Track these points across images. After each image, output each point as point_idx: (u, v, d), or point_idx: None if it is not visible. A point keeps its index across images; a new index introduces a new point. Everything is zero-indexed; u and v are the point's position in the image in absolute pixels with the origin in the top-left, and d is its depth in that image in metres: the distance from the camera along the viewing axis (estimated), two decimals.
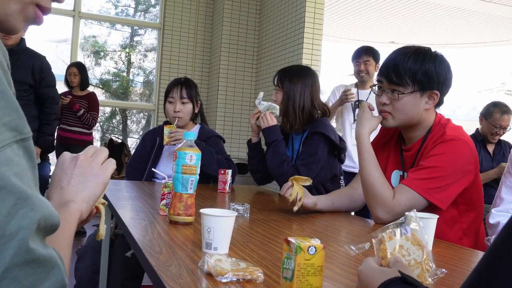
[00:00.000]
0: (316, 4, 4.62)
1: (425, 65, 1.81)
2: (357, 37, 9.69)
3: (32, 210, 0.56)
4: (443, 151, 1.78)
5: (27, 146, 0.60)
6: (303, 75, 2.66)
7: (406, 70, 1.81)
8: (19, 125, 0.58)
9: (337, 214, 2.05)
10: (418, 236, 0.96)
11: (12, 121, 0.57)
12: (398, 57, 1.85)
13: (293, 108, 2.59)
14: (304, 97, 2.60)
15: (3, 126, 0.56)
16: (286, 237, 0.95)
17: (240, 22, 5.79)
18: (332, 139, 2.53)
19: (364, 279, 0.88)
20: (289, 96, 2.60)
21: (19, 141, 0.58)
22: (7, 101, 0.57)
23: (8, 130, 0.57)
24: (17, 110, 0.59)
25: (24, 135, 0.59)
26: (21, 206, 0.55)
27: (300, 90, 2.60)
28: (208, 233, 1.23)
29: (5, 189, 0.54)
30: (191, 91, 2.94)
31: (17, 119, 0.58)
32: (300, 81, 2.62)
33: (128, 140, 7.73)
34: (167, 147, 2.94)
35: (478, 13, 7.60)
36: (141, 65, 7.55)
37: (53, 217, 0.59)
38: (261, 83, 5.55)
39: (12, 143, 0.57)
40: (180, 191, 1.55)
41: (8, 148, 0.56)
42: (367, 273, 0.87)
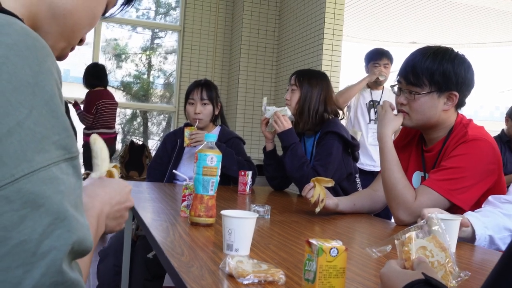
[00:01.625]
0: (336, 5, 4.60)
1: (443, 66, 1.79)
2: (377, 37, 9.62)
3: (68, 232, 0.57)
4: (465, 152, 1.76)
5: (75, 165, 0.62)
6: (320, 79, 2.70)
7: (424, 70, 1.80)
8: (68, 144, 0.61)
9: (358, 216, 2.04)
10: (440, 238, 0.95)
11: (61, 139, 0.60)
12: (417, 58, 1.83)
13: (309, 110, 2.61)
14: (319, 100, 2.63)
15: (52, 144, 0.58)
16: (307, 239, 0.94)
17: (260, 23, 5.79)
18: (345, 136, 2.54)
19: (386, 281, 0.87)
20: (306, 97, 2.63)
21: (68, 159, 0.60)
22: (57, 120, 0.60)
23: (56, 149, 0.59)
24: (67, 129, 0.61)
25: (72, 154, 0.61)
26: (58, 226, 0.56)
27: (317, 93, 2.63)
28: (229, 234, 1.23)
29: (43, 208, 0.55)
30: (211, 93, 2.96)
31: (66, 138, 0.60)
32: (318, 85, 2.65)
33: (149, 142, 7.78)
34: (188, 149, 2.96)
35: (501, 12, 7.49)
36: (161, 67, 7.61)
37: (87, 242, 0.60)
38: (281, 84, 5.54)
39: (60, 161, 0.59)
40: (201, 192, 1.56)
41: (54, 167, 0.58)
42: (390, 275, 0.87)
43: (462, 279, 0.95)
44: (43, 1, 0.75)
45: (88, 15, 0.81)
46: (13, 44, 0.58)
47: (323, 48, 4.57)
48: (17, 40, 0.59)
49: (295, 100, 2.66)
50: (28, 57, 0.59)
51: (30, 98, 0.57)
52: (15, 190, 0.54)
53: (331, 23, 4.60)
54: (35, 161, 0.56)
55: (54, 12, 0.76)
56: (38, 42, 0.62)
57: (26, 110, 0.56)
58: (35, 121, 0.57)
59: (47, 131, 0.58)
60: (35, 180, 0.55)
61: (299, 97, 2.64)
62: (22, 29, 0.62)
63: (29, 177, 0.55)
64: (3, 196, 0.53)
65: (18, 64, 0.58)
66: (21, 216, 0.54)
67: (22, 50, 0.59)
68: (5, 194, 0.53)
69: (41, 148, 0.57)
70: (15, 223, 0.54)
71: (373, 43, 9.42)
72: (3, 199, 0.53)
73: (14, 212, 0.54)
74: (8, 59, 0.57)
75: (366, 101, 4.10)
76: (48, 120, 0.58)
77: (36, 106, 0.57)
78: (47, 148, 0.57)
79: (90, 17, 0.82)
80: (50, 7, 0.75)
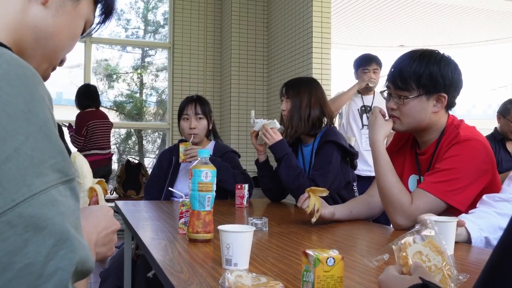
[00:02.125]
0: (322, 13, 4.64)
1: (429, 69, 1.80)
2: (365, 43, 9.68)
3: (72, 252, 0.58)
4: (458, 153, 1.77)
5: (72, 187, 0.63)
6: (309, 84, 2.73)
7: (411, 74, 1.81)
8: (64, 167, 0.62)
9: (356, 223, 2.04)
10: (436, 242, 0.96)
11: (57, 163, 0.61)
12: (403, 62, 1.85)
13: (299, 116, 2.63)
14: (310, 104, 2.64)
15: (49, 168, 0.60)
16: (304, 250, 0.95)
17: (249, 35, 5.82)
18: (344, 145, 2.55)
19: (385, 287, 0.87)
20: (295, 105, 2.65)
21: (65, 182, 0.62)
22: (53, 145, 0.62)
23: (53, 172, 0.60)
24: (62, 153, 0.63)
25: (69, 176, 0.63)
26: (61, 247, 0.57)
27: (307, 98, 2.65)
28: (228, 249, 1.23)
29: (46, 230, 0.57)
30: (205, 108, 2.98)
31: (62, 161, 0.62)
32: (307, 90, 2.68)
33: (145, 160, 7.78)
34: (184, 166, 2.96)
35: (487, 11, 7.56)
36: (153, 85, 7.62)
37: (89, 262, 0.62)
38: (273, 95, 5.56)
39: (58, 184, 0.60)
40: (198, 208, 1.56)
41: (53, 189, 0.59)
42: (388, 282, 0.87)
43: (461, 281, 0.95)
44: (26, 27, 0.78)
45: (68, 36, 0.86)
46: (4, 74, 0.61)
47: (313, 57, 4.60)
48: (8, 70, 0.61)
49: (289, 108, 2.68)
50: (19, 86, 0.61)
51: (25, 125, 0.59)
52: (17, 215, 0.55)
53: (318, 31, 4.63)
54: (34, 185, 0.57)
55: (37, 36, 0.80)
56: (28, 71, 0.64)
57: (22, 137, 0.58)
58: (32, 147, 0.59)
59: (43, 155, 0.60)
60: (35, 204, 0.57)
61: (290, 107, 2.67)
62: (12, 59, 0.64)
63: (30, 201, 0.56)
64: (5, 222, 0.55)
65: (11, 93, 0.60)
66: (24, 240, 0.55)
67: (13, 79, 0.61)
68: (7, 219, 0.55)
69: (39, 172, 0.58)
70: (19, 247, 0.55)
71: (362, 48, 9.47)
72: (5, 225, 0.55)
73: (18, 236, 0.55)
74: (1, 89, 0.59)
75: (358, 107, 4.12)
76: (43, 145, 0.60)
77: (32, 132, 0.59)
78: (45, 172, 0.59)
79: (70, 38, 0.86)
80: (33, 31, 0.79)
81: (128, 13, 7.15)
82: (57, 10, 0.82)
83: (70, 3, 0.84)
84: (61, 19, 0.83)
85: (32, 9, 0.79)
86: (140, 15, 7.32)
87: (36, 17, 0.79)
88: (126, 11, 7.12)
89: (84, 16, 0.89)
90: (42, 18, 0.80)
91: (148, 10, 7.41)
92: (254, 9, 5.85)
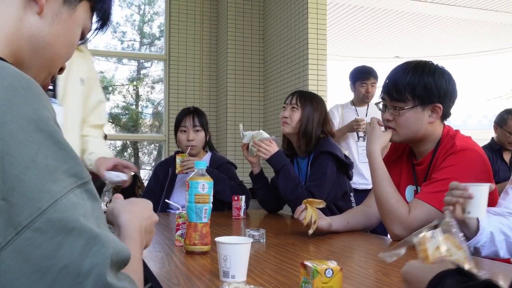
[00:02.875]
0: (318, 25, 4.66)
1: (424, 79, 1.81)
2: (361, 54, 9.73)
3: (104, 247, 0.61)
4: (455, 163, 1.77)
5: (88, 189, 0.65)
6: (321, 102, 2.71)
7: (405, 85, 1.82)
8: (78, 171, 0.64)
9: (354, 234, 2.03)
10: (455, 239, 0.94)
11: (70, 168, 0.63)
12: (398, 73, 1.86)
13: (310, 132, 2.61)
14: (319, 123, 2.63)
15: (63, 173, 0.62)
16: (302, 261, 0.94)
17: (245, 47, 5.84)
18: (338, 156, 2.54)
19: (411, 278, 0.85)
20: (308, 119, 2.62)
21: (80, 185, 0.64)
22: (64, 151, 0.63)
23: (68, 177, 0.62)
24: (74, 158, 0.65)
25: (84, 180, 0.65)
26: (93, 244, 0.60)
27: (318, 116, 2.64)
28: (225, 261, 1.22)
29: (75, 230, 0.59)
30: (202, 120, 2.98)
31: (75, 166, 0.64)
32: (319, 108, 2.66)
33: (141, 172, 7.77)
34: (180, 177, 2.96)
35: (481, 22, 7.62)
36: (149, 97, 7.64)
37: (124, 251, 0.65)
38: (270, 107, 5.57)
39: (74, 188, 0.62)
40: (195, 220, 1.55)
41: (71, 193, 0.61)
42: (414, 271, 0.85)
43: None
44: (23, 37, 0.79)
45: (65, 45, 0.86)
46: (9, 86, 0.62)
47: (309, 68, 4.61)
48: (13, 82, 0.63)
49: (296, 119, 2.63)
50: (26, 96, 0.63)
51: (37, 134, 0.61)
52: (45, 221, 0.58)
53: (314, 43, 4.65)
54: (54, 191, 0.59)
55: (34, 46, 0.80)
56: (32, 83, 0.66)
57: (35, 146, 0.60)
58: (45, 155, 0.61)
59: (56, 162, 0.62)
60: (60, 208, 0.59)
61: (300, 117, 2.63)
62: (15, 71, 0.66)
63: (54, 206, 0.59)
64: (36, 229, 0.57)
65: (18, 104, 0.61)
66: (57, 243, 0.58)
67: (19, 90, 0.63)
68: (38, 226, 0.57)
69: (55, 179, 0.61)
70: (54, 251, 0.57)
71: (357, 60, 9.52)
72: (36, 232, 0.57)
73: (50, 240, 0.58)
74: (8, 100, 0.61)
75: (352, 119, 4.12)
76: (55, 152, 0.62)
77: (43, 140, 0.61)
78: (60, 178, 0.61)
79: (67, 46, 0.87)
80: (30, 42, 0.80)
81: (124, 25, 7.19)
82: (53, 19, 0.82)
83: (66, 11, 0.84)
84: (58, 28, 0.83)
85: (28, 19, 0.79)
86: (136, 27, 7.36)
87: (32, 27, 0.79)
88: (122, 24, 7.15)
89: (80, 24, 0.89)
90: (38, 28, 0.80)
91: (144, 22, 7.44)
92: (250, 21, 5.88)
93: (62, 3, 0.83)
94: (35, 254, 0.57)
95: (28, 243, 0.57)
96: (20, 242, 0.56)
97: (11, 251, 0.56)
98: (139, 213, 0.94)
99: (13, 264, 0.56)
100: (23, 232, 0.57)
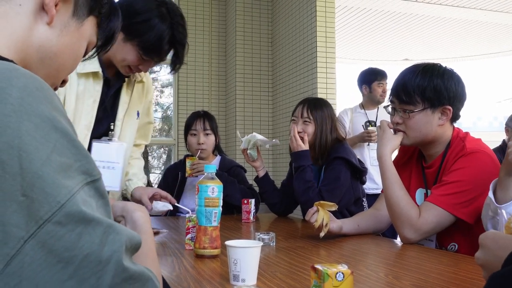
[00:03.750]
0: (326, 28, 4.66)
1: (433, 82, 1.81)
2: (370, 57, 9.71)
3: (118, 234, 0.64)
4: (465, 165, 1.76)
5: (97, 186, 0.67)
6: (329, 108, 2.68)
7: (415, 88, 1.82)
8: (89, 168, 0.66)
9: (364, 237, 2.03)
10: None
11: (82, 165, 0.65)
12: (407, 76, 1.85)
13: (324, 142, 2.58)
14: (331, 130, 2.61)
15: (75, 171, 0.64)
16: (313, 265, 0.94)
17: (253, 51, 5.85)
18: (353, 162, 2.53)
19: (491, 243, 0.85)
20: (322, 130, 2.59)
21: (90, 183, 0.66)
22: (77, 149, 0.66)
23: (79, 174, 0.65)
24: (86, 156, 0.67)
25: (94, 177, 0.67)
26: (109, 232, 0.63)
27: (330, 125, 2.61)
28: (235, 265, 1.22)
29: (94, 221, 0.62)
30: (212, 123, 3.00)
31: (86, 164, 0.66)
32: (329, 115, 2.63)
33: (151, 176, 7.79)
34: (190, 181, 2.96)
35: (491, 24, 7.58)
36: (158, 101, 7.66)
37: (135, 237, 0.68)
38: (278, 111, 5.57)
39: (84, 185, 0.64)
40: (205, 224, 1.56)
41: (82, 190, 0.64)
42: (496, 237, 0.84)
43: None
44: (32, 46, 0.80)
45: (71, 57, 0.88)
46: (24, 87, 0.64)
47: (318, 72, 4.61)
48: (27, 82, 0.65)
49: (311, 133, 2.60)
50: (39, 96, 0.65)
51: (52, 132, 0.63)
52: (65, 214, 0.60)
53: (323, 46, 4.64)
54: (71, 186, 0.62)
55: (41, 55, 0.82)
56: (44, 84, 0.68)
57: (51, 144, 0.62)
58: (60, 153, 0.63)
59: (70, 159, 0.64)
60: (76, 202, 0.62)
61: (315, 130, 2.60)
62: (27, 73, 0.68)
63: (72, 200, 0.61)
64: (57, 222, 0.60)
65: (33, 103, 0.63)
66: (78, 234, 0.61)
67: (33, 90, 0.64)
68: (57, 220, 0.60)
69: (69, 175, 0.63)
70: (75, 242, 0.60)
71: (366, 62, 9.50)
72: (57, 225, 0.60)
73: (71, 232, 0.60)
74: (23, 99, 0.62)
75: (362, 122, 4.11)
76: (69, 150, 0.64)
77: (58, 138, 0.64)
78: (72, 175, 0.64)
79: (73, 59, 0.89)
80: (38, 51, 0.81)
81: None
82: (62, 30, 0.84)
83: (74, 24, 0.86)
84: (65, 39, 0.85)
85: (38, 29, 0.81)
86: None
87: (41, 36, 0.81)
88: None
89: (87, 38, 0.91)
90: (47, 38, 0.82)
91: None
92: (258, 25, 5.89)
93: (71, 16, 0.86)
94: (57, 246, 0.59)
95: (50, 236, 0.59)
96: (42, 235, 0.59)
97: (34, 244, 0.58)
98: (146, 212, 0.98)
99: (37, 256, 0.58)
100: (44, 226, 0.59)
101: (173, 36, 2.00)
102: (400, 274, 1.33)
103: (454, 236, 1.81)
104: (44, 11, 0.80)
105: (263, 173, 2.79)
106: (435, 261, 1.54)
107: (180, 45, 2.03)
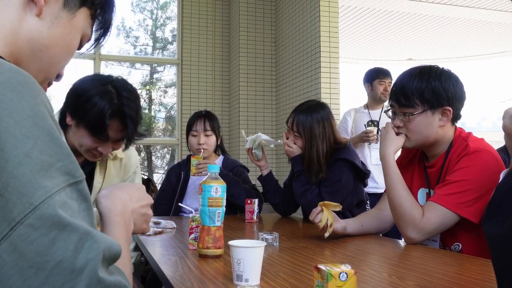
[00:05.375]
0: (330, 28, 4.65)
1: (431, 83, 1.81)
2: (373, 57, 9.70)
3: (96, 242, 0.61)
4: (469, 164, 1.76)
5: (80, 189, 0.65)
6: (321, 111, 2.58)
7: (413, 91, 1.82)
8: (72, 169, 0.64)
9: (368, 237, 2.02)
10: None
11: (64, 166, 0.63)
12: (405, 79, 1.86)
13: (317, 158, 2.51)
14: (326, 141, 2.53)
15: (57, 171, 0.61)
16: (316, 265, 0.94)
17: (257, 51, 5.85)
18: (356, 164, 2.51)
19: None
20: (311, 144, 2.53)
21: (72, 184, 0.63)
22: (59, 148, 0.63)
23: (61, 175, 0.62)
24: (69, 156, 0.64)
25: (76, 179, 0.64)
26: (86, 239, 0.60)
27: (322, 137, 2.52)
28: (238, 264, 1.22)
29: (69, 227, 0.59)
30: (213, 123, 2.99)
31: (69, 164, 0.64)
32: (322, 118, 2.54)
33: (154, 176, 7.80)
34: (193, 181, 2.96)
35: (495, 23, 7.56)
36: (162, 101, 7.67)
37: (115, 246, 0.65)
38: (282, 111, 5.57)
39: (65, 186, 0.62)
40: (208, 224, 1.55)
41: (62, 192, 0.61)
42: None
43: None
44: (22, 39, 0.78)
45: (64, 49, 0.85)
46: (6, 81, 0.62)
47: (321, 71, 4.60)
48: (10, 77, 0.62)
49: (301, 146, 2.59)
50: (22, 92, 0.62)
51: (33, 129, 0.61)
52: (38, 217, 0.57)
53: (326, 46, 4.64)
54: (48, 187, 0.59)
55: (32, 48, 0.80)
56: (29, 79, 0.66)
57: (31, 141, 0.60)
58: (41, 150, 0.60)
59: (51, 158, 0.61)
60: (52, 205, 0.59)
61: (304, 145, 2.57)
62: (12, 67, 0.65)
63: (48, 202, 0.58)
64: (29, 225, 0.57)
65: (15, 99, 0.61)
66: (51, 239, 0.58)
67: (16, 86, 0.62)
68: (30, 222, 0.57)
69: (49, 175, 0.60)
70: (47, 247, 0.57)
71: (370, 62, 9.48)
72: (29, 228, 0.57)
73: (44, 236, 0.57)
74: (5, 95, 0.60)
75: (365, 122, 4.11)
76: (51, 148, 0.62)
77: (40, 136, 0.61)
78: (53, 175, 0.61)
79: (65, 51, 0.86)
80: (28, 44, 0.79)
81: (136, 30, 7.22)
82: (52, 22, 0.81)
83: (66, 15, 0.83)
84: (57, 31, 0.82)
85: (27, 21, 0.78)
86: (149, 32, 7.39)
87: (31, 28, 0.79)
88: (135, 29, 7.19)
89: (80, 30, 0.88)
90: (37, 30, 0.79)
91: (157, 27, 7.47)
92: (262, 25, 5.88)
93: (62, 7, 0.83)
94: (29, 250, 0.57)
95: (21, 239, 0.57)
96: (15, 237, 0.57)
97: (6, 246, 0.56)
98: (123, 197, 0.93)
99: (9, 259, 0.56)
100: (16, 228, 0.57)
101: (118, 111, 1.89)
102: (404, 275, 1.33)
103: (457, 236, 1.80)
104: (33, 2, 0.78)
105: (267, 172, 2.80)
106: (439, 261, 1.54)
107: (129, 118, 1.92)
